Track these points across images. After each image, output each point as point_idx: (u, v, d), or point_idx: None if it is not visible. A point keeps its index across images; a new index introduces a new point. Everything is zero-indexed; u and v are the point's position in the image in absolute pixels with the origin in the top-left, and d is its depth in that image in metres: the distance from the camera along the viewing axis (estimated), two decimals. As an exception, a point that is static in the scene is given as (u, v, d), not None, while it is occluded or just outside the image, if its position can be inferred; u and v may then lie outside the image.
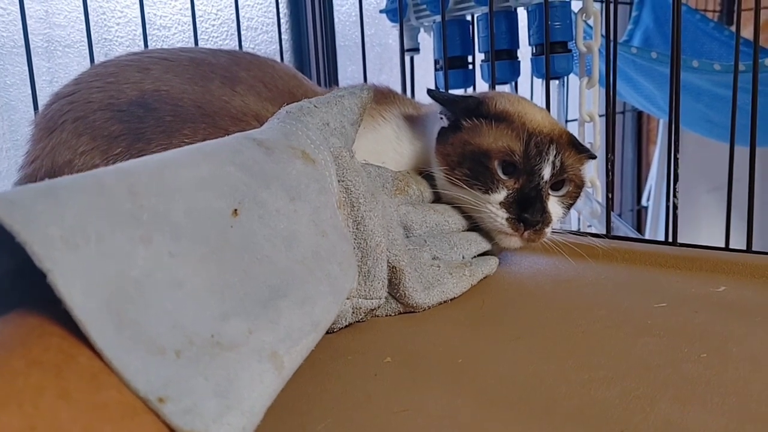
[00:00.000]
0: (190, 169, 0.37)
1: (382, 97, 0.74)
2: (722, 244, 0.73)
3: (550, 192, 0.66)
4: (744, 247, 0.71)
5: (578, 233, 0.75)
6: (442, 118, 0.69)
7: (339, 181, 0.51)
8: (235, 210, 0.37)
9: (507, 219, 0.64)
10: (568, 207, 0.69)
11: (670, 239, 0.76)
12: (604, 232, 0.82)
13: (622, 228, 1.08)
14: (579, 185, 0.70)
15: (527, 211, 0.63)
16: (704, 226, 1.85)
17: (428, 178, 0.69)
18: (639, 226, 2.32)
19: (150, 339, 0.28)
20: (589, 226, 1.02)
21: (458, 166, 0.65)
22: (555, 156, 0.65)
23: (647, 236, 1.92)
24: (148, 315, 0.29)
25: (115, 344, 0.27)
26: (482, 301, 0.60)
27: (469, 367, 0.46)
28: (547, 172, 0.65)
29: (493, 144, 0.65)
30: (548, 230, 0.65)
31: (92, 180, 0.32)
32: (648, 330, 0.51)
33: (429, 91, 0.69)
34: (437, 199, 0.69)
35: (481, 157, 0.65)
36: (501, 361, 0.47)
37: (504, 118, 0.66)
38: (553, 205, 0.67)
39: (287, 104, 0.54)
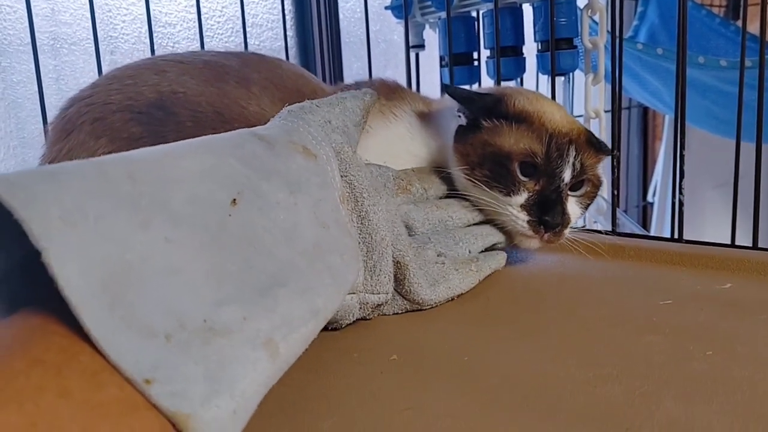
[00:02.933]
0: (190, 160, 0.37)
1: (390, 92, 0.73)
2: (728, 241, 0.73)
3: (569, 193, 0.66)
4: (750, 244, 0.71)
5: (585, 230, 0.75)
6: (459, 116, 0.68)
7: (342, 176, 0.51)
8: (234, 200, 0.37)
9: (528, 222, 0.63)
10: (586, 207, 0.68)
11: (676, 236, 0.76)
12: (610, 228, 0.82)
13: (628, 225, 1.08)
14: (596, 185, 0.69)
15: (548, 214, 0.63)
16: (710, 223, 1.85)
17: (446, 179, 0.68)
18: (644, 222, 2.32)
19: (141, 322, 0.28)
20: (595, 222, 1.01)
21: (478, 167, 0.65)
22: (575, 157, 0.65)
23: (653, 233, 1.92)
24: (142, 298, 0.29)
25: (105, 325, 0.27)
26: (487, 298, 0.60)
27: (475, 365, 0.46)
28: (567, 175, 0.64)
29: (514, 146, 0.64)
30: (567, 231, 0.65)
31: (93, 165, 0.32)
32: (653, 328, 0.51)
33: (446, 88, 0.68)
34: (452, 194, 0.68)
35: (501, 159, 0.64)
36: (506, 359, 0.47)
37: (524, 118, 0.66)
38: (572, 206, 0.66)
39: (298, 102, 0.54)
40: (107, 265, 0.28)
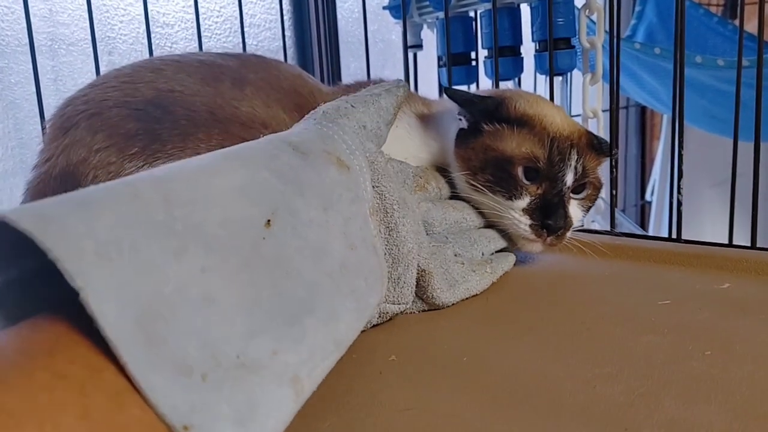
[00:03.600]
0: (225, 177, 0.36)
1: None
2: (726, 239, 0.73)
3: (571, 196, 0.66)
4: (748, 243, 0.71)
5: (583, 230, 0.75)
6: (461, 119, 0.68)
7: (374, 186, 0.50)
8: (269, 221, 0.36)
9: (530, 225, 0.63)
10: (587, 209, 0.69)
11: (674, 236, 0.76)
12: (608, 228, 0.82)
13: (626, 224, 1.08)
14: (598, 187, 0.70)
15: (550, 218, 0.63)
16: (708, 221, 1.85)
17: (448, 181, 0.69)
18: (642, 222, 2.32)
19: (178, 359, 0.28)
20: (593, 222, 1.02)
21: (481, 172, 0.65)
22: (577, 161, 0.65)
23: (651, 232, 1.92)
24: (178, 333, 0.28)
25: (144, 365, 0.26)
26: (486, 298, 0.60)
27: (474, 365, 0.46)
28: (569, 178, 0.65)
29: (516, 150, 0.64)
30: (569, 234, 0.65)
31: (126, 189, 0.31)
32: (652, 327, 0.51)
33: (447, 90, 0.68)
34: (454, 196, 0.69)
35: (504, 163, 0.64)
36: (506, 358, 0.47)
37: (525, 122, 0.66)
38: (574, 209, 0.66)
39: (294, 103, 0.54)
40: (143, 300, 0.27)
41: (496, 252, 0.67)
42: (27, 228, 0.26)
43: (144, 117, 0.63)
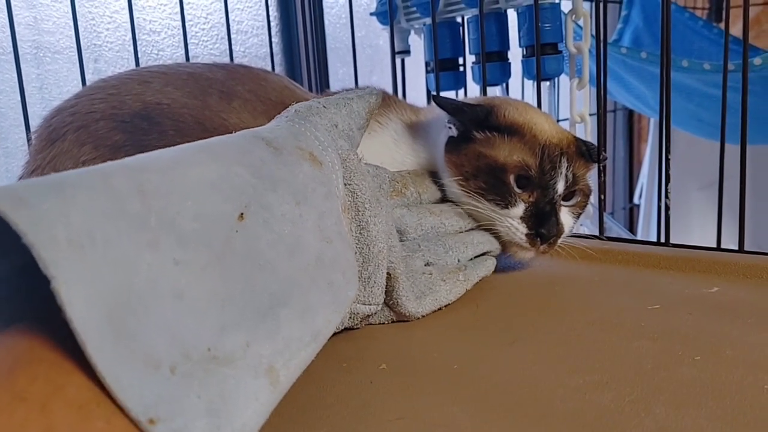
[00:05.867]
0: (199, 169, 0.36)
1: None
2: (714, 241, 0.74)
3: (561, 203, 0.66)
4: (736, 246, 0.71)
5: (573, 235, 0.75)
6: (450, 127, 0.68)
7: (345, 184, 0.50)
8: (242, 214, 0.36)
9: (526, 234, 0.64)
10: (577, 216, 0.69)
11: (663, 240, 0.76)
12: (597, 232, 0.83)
13: (615, 228, 1.08)
14: (587, 194, 0.70)
15: (544, 227, 0.63)
16: (696, 224, 1.86)
17: (439, 186, 0.68)
18: (631, 224, 2.33)
19: (147, 352, 0.27)
20: (582, 226, 1.02)
21: (473, 179, 0.65)
22: (567, 169, 0.65)
23: (639, 235, 1.93)
24: (147, 326, 0.28)
25: (111, 358, 0.26)
26: (476, 305, 0.60)
27: (465, 373, 0.46)
28: (560, 186, 0.65)
29: (508, 158, 0.64)
30: (560, 241, 0.66)
31: (100, 177, 0.31)
32: (642, 333, 0.51)
33: (435, 99, 0.68)
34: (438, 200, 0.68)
35: (496, 171, 0.64)
36: (496, 366, 0.47)
37: (515, 130, 0.66)
38: (565, 216, 0.67)
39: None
40: (113, 293, 0.27)
41: (475, 257, 0.66)
42: (1, 209, 0.25)
43: (131, 129, 0.63)
